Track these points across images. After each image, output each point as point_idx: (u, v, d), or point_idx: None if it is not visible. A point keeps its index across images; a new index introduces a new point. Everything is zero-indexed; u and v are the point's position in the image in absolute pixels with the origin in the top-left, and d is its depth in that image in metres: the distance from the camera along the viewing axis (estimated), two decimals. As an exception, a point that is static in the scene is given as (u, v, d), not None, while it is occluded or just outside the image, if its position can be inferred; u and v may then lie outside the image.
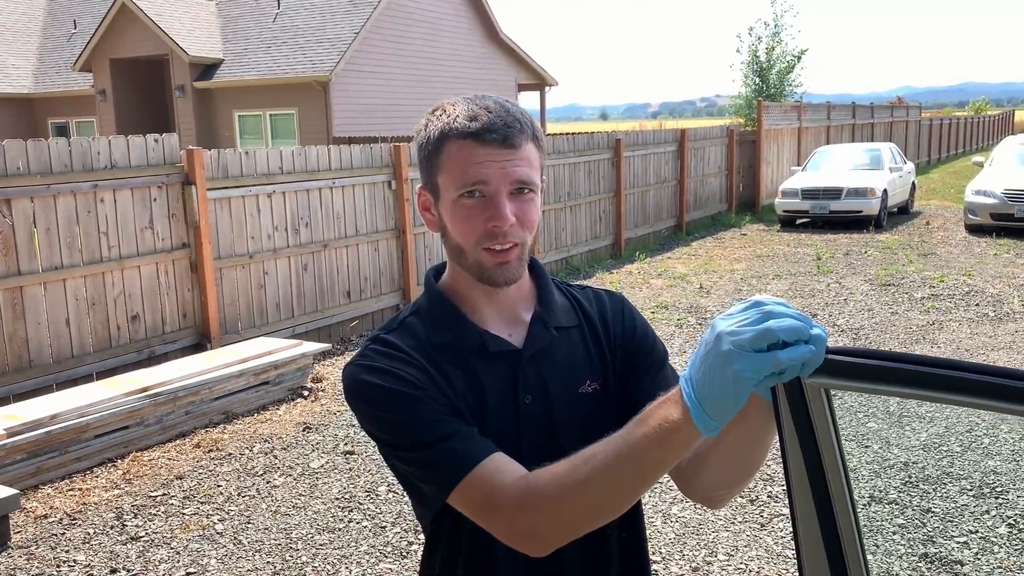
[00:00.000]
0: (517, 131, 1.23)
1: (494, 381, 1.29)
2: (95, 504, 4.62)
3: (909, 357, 0.94)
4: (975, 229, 13.79)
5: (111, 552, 4.09)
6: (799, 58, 26.16)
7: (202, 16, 21.20)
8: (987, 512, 4.14)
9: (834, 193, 14.63)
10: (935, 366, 0.91)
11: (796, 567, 1.12)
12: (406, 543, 4.11)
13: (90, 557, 4.06)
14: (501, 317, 1.33)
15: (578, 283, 1.50)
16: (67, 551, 4.11)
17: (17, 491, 4.30)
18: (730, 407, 0.97)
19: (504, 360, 1.30)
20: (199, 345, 6.78)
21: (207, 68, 20.03)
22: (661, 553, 3.94)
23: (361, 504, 4.55)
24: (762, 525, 4.18)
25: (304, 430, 5.70)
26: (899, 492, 4.40)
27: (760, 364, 0.92)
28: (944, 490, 4.40)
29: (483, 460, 1.17)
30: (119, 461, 5.16)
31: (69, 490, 4.80)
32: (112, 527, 4.35)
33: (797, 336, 0.93)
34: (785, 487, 1.10)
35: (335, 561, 3.98)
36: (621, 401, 1.33)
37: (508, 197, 1.23)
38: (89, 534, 4.28)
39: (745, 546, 3.98)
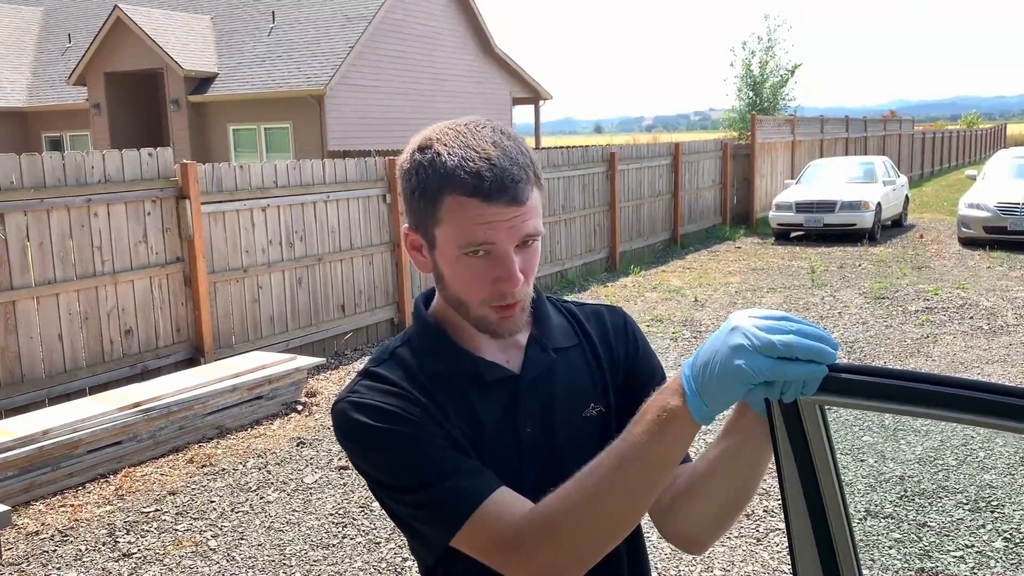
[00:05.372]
0: (524, 183, 1.14)
1: (492, 411, 1.22)
2: (87, 520, 4.58)
3: (904, 374, 0.93)
4: (968, 242, 13.83)
5: (103, 569, 4.06)
6: (792, 72, 26.33)
7: (197, 30, 21.24)
8: (983, 526, 4.13)
9: (828, 206, 14.68)
10: (930, 383, 0.91)
11: (792, 584, 1.12)
12: (400, 559, 4.09)
13: (82, 574, 4.02)
14: (496, 343, 1.27)
15: (573, 299, 1.44)
16: (59, 568, 4.08)
17: (8, 507, 4.27)
18: (724, 399, 0.96)
19: (502, 388, 1.24)
20: (192, 359, 6.75)
21: (202, 82, 20.05)
22: (657, 569, 3.92)
23: (355, 520, 4.53)
24: (758, 540, 4.17)
25: (298, 445, 5.68)
26: (895, 506, 4.39)
27: (764, 365, 0.92)
28: (940, 504, 4.39)
29: (488, 497, 1.10)
30: (111, 477, 5.13)
31: (61, 506, 4.76)
32: (104, 544, 4.32)
33: (815, 358, 0.93)
34: (780, 502, 1.09)
35: (329, 577, 3.95)
36: (620, 426, 1.28)
37: (515, 250, 1.16)
38: (81, 551, 4.25)
39: (741, 561, 3.97)
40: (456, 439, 1.17)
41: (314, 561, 4.10)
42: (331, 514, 4.60)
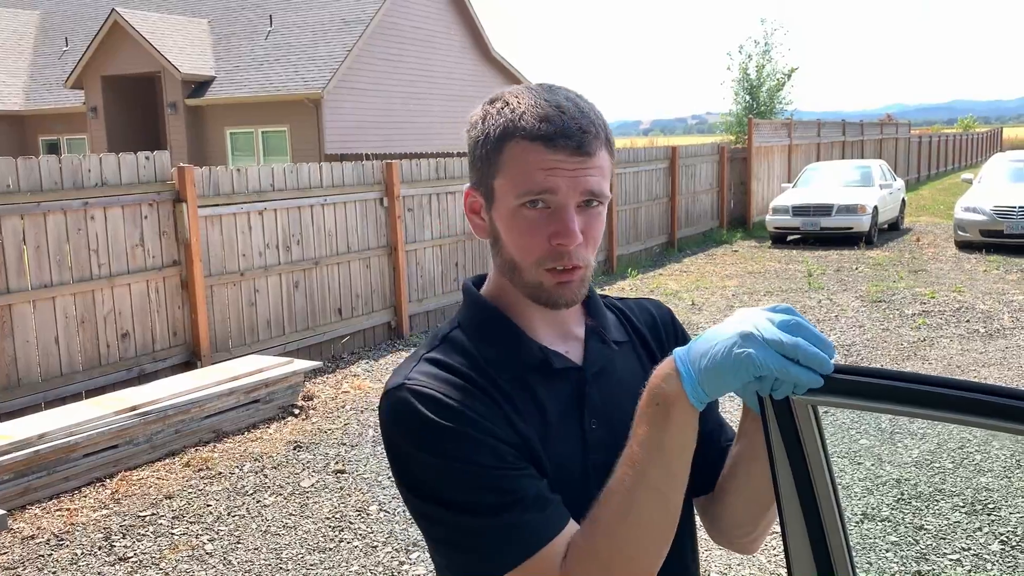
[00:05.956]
0: (592, 136, 1.08)
1: (556, 402, 1.14)
2: (83, 524, 4.57)
3: (898, 374, 0.94)
4: (965, 245, 13.86)
5: (99, 573, 4.05)
6: (789, 76, 26.38)
7: (194, 34, 21.24)
8: (980, 529, 4.13)
9: (825, 210, 14.70)
10: (924, 383, 0.91)
11: (788, 586, 1.12)
12: (397, 563, 4.08)
13: (77, 578, 4.01)
14: (554, 331, 1.19)
15: (616, 295, 1.38)
16: (54, 572, 4.07)
17: (4, 511, 4.26)
18: (723, 384, 0.95)
19: (567, 379, 1.16)
20: (189, 363, 6.74)
21: (199, 85, 20.04)
22: (654, 571, 3.92)
23: (352, 524, 4.52)
24: (755, 543, 4.16)
25: (295, 449, 5.67)
26: (891, 509, 4.40)
27: (771, 360, 0.92)
28: (936, 507, 4.39)
29: (552, 540, 1.02)
30: (108, 480, 5.12)
31: (57, 510, 4.75)
32: (100, 548, 4.31)
33: (814, 365, 0.93)
34: (775, 504, 1.09)
35: (325, 581, 3.94)
36: None
37: (576, 210, 1.09)
38: (77, 555, 4.24)
39: (738, 564, 3.97)
40: (526, 437, 1.08)
41: (311, 565, 4.09)
42: (328, 518, 4.59)
